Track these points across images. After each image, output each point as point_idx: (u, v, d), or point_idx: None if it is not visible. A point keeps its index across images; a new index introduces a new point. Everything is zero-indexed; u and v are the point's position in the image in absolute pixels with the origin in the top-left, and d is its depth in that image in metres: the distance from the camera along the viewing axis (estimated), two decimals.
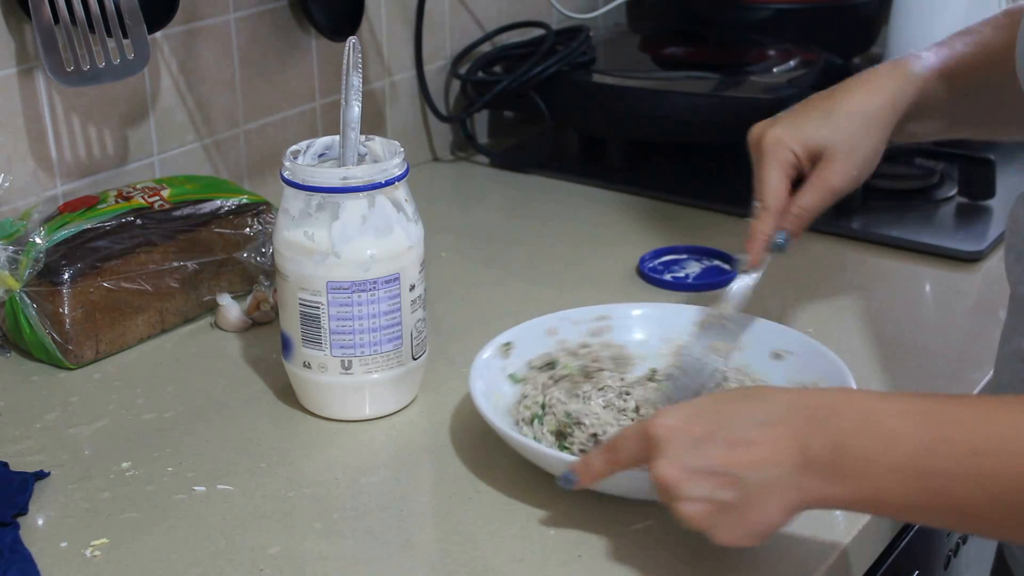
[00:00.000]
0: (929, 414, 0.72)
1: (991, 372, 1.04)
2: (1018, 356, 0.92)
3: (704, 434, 0.76)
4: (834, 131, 0.97)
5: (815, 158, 0.98)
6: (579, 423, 0.95)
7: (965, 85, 1.02)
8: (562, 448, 0.93)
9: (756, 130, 1.00)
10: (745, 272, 0.98)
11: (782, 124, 0.99)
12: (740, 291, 0.98)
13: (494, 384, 0.99)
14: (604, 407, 0.97)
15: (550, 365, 1.02)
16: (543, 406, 0.98)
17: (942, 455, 0.70)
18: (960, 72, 1.01)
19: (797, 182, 0.99)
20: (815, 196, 0.97)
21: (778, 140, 0.98)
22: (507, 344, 1.02)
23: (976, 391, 1.06)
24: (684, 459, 0.76)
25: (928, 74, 1.00)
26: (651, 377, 1.02)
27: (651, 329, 1.05)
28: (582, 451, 0.92)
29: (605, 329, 1.06)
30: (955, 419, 0.72)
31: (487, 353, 1.00)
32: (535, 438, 0.95)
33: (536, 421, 0.96)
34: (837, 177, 0.96)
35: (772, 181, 0.97)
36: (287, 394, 1.04)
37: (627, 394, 0.99)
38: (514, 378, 1.01)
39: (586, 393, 0.99)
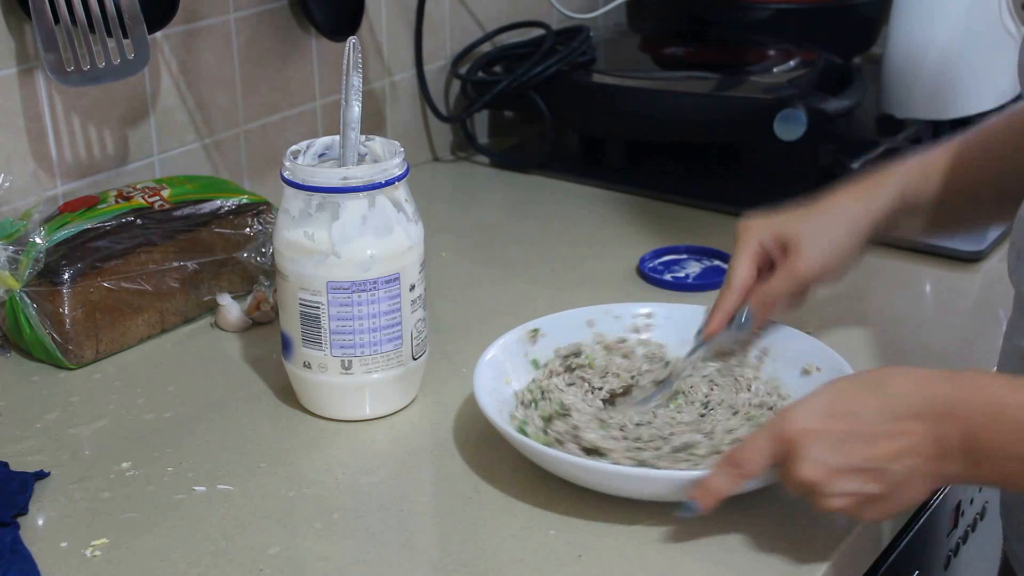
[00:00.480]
0: None
1: (992, 371, 1.04)
2: (1018, 353, 0.92)
3: (842, 432, 0.79)
4: (804, 223, 1.01)
5: (785, 249, 1.01)
6: (566, 415, 0.95)
7: (966, 178, 1.03)
8: (545, 434, 0.94)
9: (740, 221, 1.04)
10: (702, 342, 1.02)
11: (759, 216, 1.03)
12: (689, 358, 1.01)
13: (513, 369, 1.00)
14: (590, 404, 0.98)
15: (574, 355, 1.03)
16: (543, 392, 0.98)
17: None
18: (962, 164, 1.03)
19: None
20: (779, 281, 1.00)
21: (748, 228, 1.02)
22: (535, 330, 1.03)
23: None
24: (827, 459, 0.79)
25: (918, 170, 1.03)
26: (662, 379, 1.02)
27: (693, 329, 1.04)
28: (558, 441, 0.93)
29: (646, 327, 1.06)
30: None
31: (491, 353, 1.00)
32: (524, 422, 0.95)
33: (533, 405, 0.97)
34: (802, 265, 1.00)
35: (738, 264, 1.01)
36: (287, 394, 1.04)
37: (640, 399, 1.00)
38: (536, 364, 1.02)
39: (588, 379, 1.00)
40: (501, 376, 0.99)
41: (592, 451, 0.91)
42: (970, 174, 1.02)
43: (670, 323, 1.06)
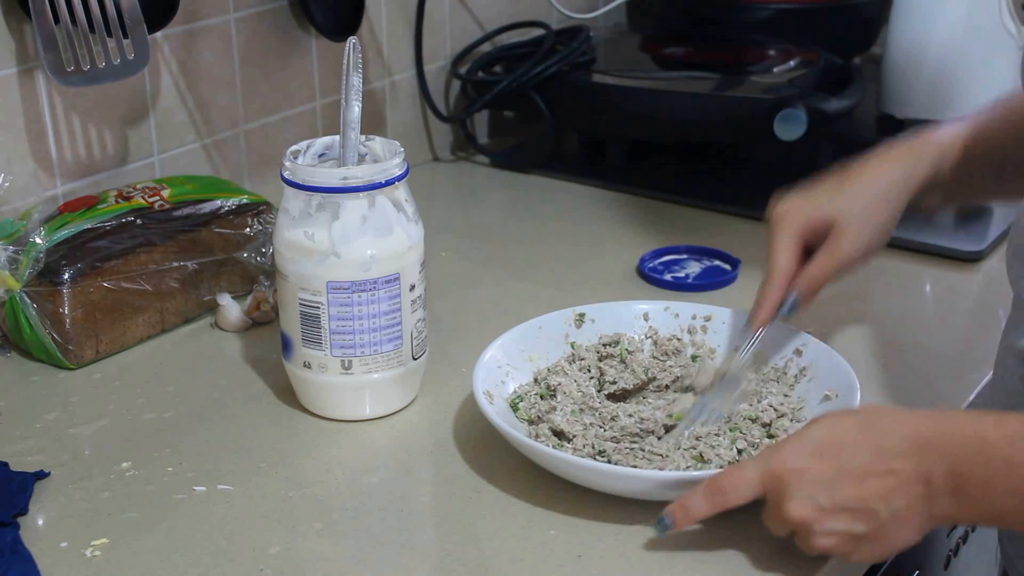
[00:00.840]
0: None
1: (991, 372, 1.04)
2: (1012, 352, 0.92)
3: (831, 472, 0.79)
4: (844, 202, 0.99)
5: (826, 229, 0.99)
6: (552, 396, 0.97)
7: (991, 151, 1.01)
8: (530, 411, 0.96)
9: (773, 203, 1.02)
10: (753, 331, 1.00)
11: (795, 195, 1.01)
12: (747, 353, 1.00)
13: (548, 351, 1.02)
14: (583, 391, 0.98)
15: (613, 344, 1.03)
16: (548, 371, 1.01)
17: None
18: (985, 138, 1.01)
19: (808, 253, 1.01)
20: (823, 266, 0.99)
21: (785, 214, 1.00)
22: (581, 315, 1.05)
23: (976, 391, 1.06)
24: (816, 498, 0.79)
25: (948, 143, 1.01)
26: (671, 385, 1.02)
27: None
28: (538, 417, 0.95)
29: (702, 328, 1.06)
30: None
31: (489, 353, 1.00)
32: (520, 396, 0.97)
33: (542, 384, 0.99)
34: (847, 248, 0.98)
35: (779, 254, 0.99)
36: (287, 394, 1.04)
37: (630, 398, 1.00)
38: (573, 346, 1.04)
39: (605, 371, 1.01)
40: (502, 375, 0.99)
41: (559, 433, 0.93)
42: (993, 145, 1.00)
43: (728, 328, 1.05)
